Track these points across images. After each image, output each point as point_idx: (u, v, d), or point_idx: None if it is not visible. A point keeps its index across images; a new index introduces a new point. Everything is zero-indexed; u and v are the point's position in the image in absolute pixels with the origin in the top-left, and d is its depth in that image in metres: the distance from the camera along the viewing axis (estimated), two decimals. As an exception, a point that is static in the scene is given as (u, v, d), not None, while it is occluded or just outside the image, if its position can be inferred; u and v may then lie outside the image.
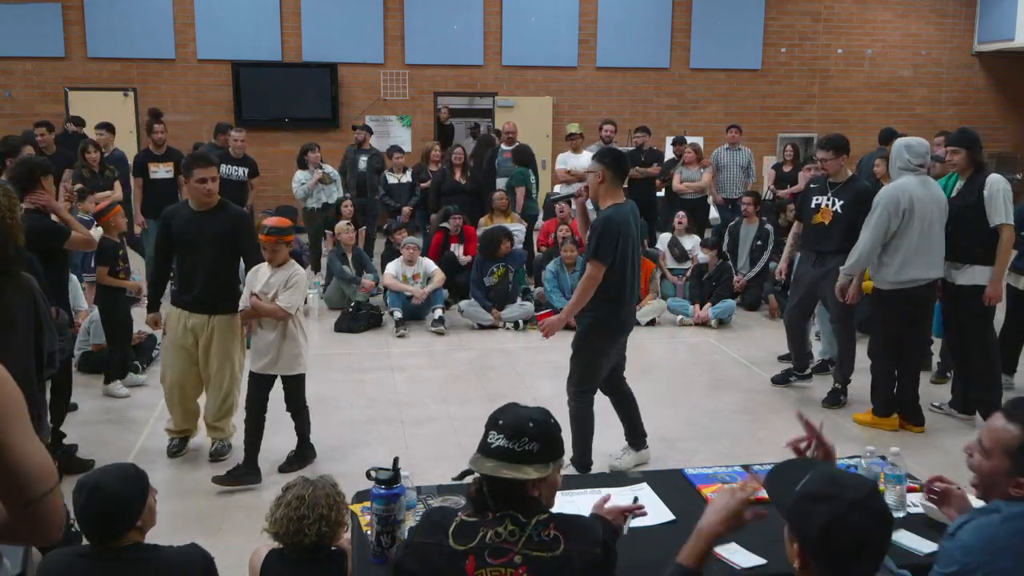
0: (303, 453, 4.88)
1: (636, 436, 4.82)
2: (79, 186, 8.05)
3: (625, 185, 10.96)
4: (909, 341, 5.46)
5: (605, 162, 4.41)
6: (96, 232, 5.99)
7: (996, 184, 5.21)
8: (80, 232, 4.90)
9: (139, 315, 6.05)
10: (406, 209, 9.37)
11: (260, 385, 4.66)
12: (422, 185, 9.63)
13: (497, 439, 2.01)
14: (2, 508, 1.49)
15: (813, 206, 5.80)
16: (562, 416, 5.10)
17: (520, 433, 2.00)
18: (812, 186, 5.98)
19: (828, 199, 5.72)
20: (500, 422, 2.04)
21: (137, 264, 7.47)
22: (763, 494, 1.99)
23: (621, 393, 4.81)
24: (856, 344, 5.95)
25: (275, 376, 4.68)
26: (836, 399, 5.92)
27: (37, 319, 3.27)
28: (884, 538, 1.74)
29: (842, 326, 5.91)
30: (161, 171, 8.84)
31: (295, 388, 4.75)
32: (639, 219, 4.60)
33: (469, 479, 2.12)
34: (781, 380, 6.32)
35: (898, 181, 5.28)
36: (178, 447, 5.02)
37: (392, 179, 9.53)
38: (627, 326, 4.61)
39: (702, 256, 8.56)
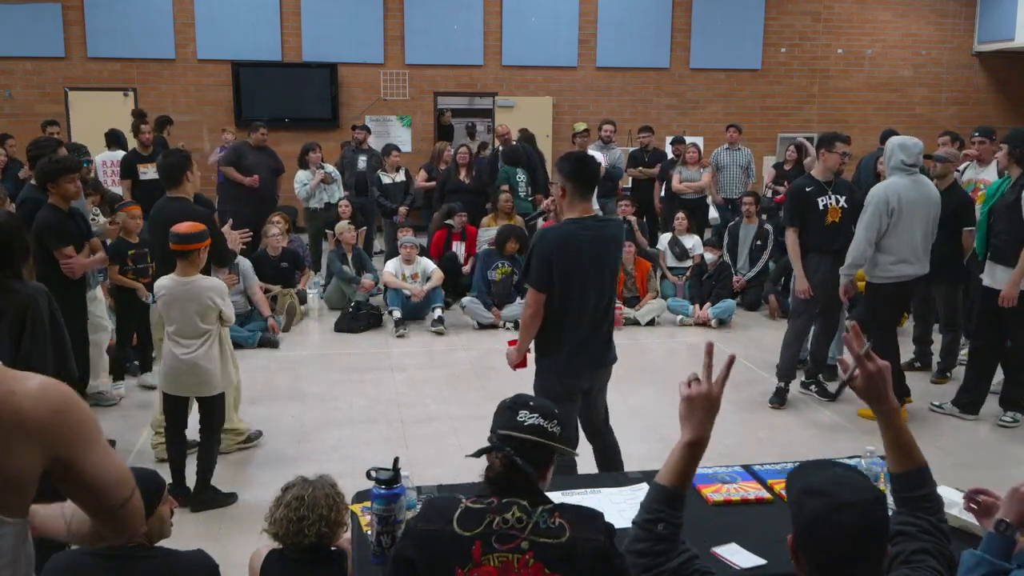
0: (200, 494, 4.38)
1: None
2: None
3: (628, 186, 10.85)
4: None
5: (564, 172, 3.69)
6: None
7: None
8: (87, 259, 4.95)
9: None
10: (402, 209, 9.36)
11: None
12: (429, 184, 9.62)
13: (531, 417, 2.09)
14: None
15: (821, 208, 5.69)
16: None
17: (551, 415, 2.12)
18: (808, 189, 5.74)
19: (830, 197, 5.71)
20: (531, 403, 2.13)
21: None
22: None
23: (601, 442, 4.12)
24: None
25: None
26: (782, 399, 6.00)
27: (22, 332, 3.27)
28: (871, 549, 1.68)
29: (832, 327, 6.01)
30: (150, 172, 8.83)
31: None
32: (617, 239, 3.90)
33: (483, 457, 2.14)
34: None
35: (888, 180, 5.42)
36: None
37: (386, 179, 9.48)
38: (571, 367, 3.75)
39: (708, 256, 8.53)
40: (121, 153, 9.50)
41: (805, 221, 5.74)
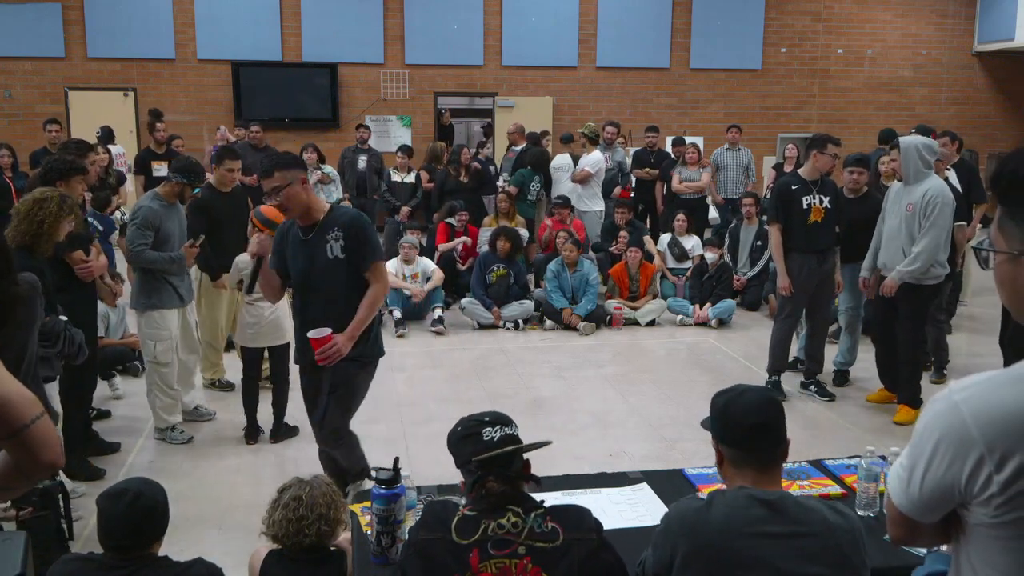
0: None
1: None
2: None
3: (633, 185, 10.91)
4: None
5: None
6: None
7: None
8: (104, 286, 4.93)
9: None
10: (405, 209, 9.36)
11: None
12: (427, 185, 9.64)
13: (495, 431, 2.14)
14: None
15: (805, 207, 5.74)
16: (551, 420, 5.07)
17: (507, 421, 2.19)
18: (793, 187, 5.80)
19: (814, 197, 5.74)
20: (486, 419, 2.18)
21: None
22: None
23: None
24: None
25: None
26: (780, 391, 6.02)
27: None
28: (770, 417, 2.06)
29: (824, 325, 6.16)
30: (163, 169, 8.87)
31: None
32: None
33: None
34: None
35: (939, 181, 5.46)
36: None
37: (396, 176, 9.52)
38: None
39: (709, 256, 8.51)
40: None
41: (788, 219, 5.79)
